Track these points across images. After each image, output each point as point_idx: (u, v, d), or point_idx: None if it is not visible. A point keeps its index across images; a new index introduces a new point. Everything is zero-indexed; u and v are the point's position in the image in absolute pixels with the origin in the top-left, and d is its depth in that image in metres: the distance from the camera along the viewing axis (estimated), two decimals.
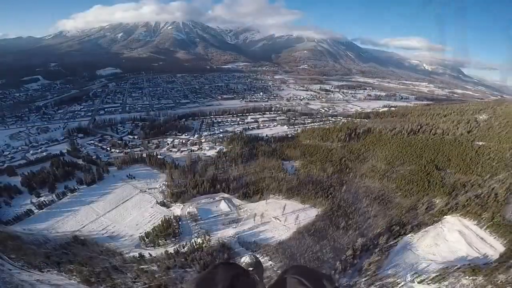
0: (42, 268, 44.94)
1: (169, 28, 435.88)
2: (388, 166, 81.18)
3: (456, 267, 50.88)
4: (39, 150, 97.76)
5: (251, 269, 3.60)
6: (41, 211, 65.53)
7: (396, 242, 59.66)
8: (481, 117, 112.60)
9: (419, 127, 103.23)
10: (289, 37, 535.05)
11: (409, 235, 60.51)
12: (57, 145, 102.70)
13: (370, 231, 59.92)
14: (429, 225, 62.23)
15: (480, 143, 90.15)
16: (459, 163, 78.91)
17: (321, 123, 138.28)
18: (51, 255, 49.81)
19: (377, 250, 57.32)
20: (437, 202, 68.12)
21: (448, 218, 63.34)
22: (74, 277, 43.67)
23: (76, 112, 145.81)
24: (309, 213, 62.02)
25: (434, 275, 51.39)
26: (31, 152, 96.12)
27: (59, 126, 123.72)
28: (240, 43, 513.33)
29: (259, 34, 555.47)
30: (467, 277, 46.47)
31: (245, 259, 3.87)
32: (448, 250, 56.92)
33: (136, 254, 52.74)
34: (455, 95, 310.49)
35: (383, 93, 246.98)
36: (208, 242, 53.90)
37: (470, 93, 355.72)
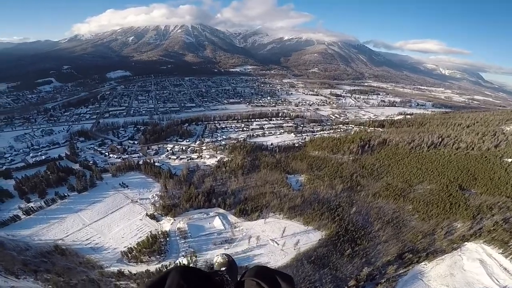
0: (19, 275, 43.33)
1: (178, 31, 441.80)
2: (405, 184, 73.01)
3: None
4: (39, 153, 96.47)
5: (223, 269, 3.35)
6: (28, 217, 63.28)
7: (406, 271, 52.64)
8: (508, 129, 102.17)
9: (440, 139, 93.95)
10: (298, 39, 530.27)
11: (423, 263, 53.46)
12: (57, 148, 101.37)
13: (379, 258, 52.80)
14: (447, 253, 54.71)
15: (510, 160, 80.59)
16: (486, 183, 69.78)
17: (331, 131, 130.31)
18: (29, 262, 47.82)
19: (383, 280, 50.57)
20: (458, 226, 59.94)
21: (469, 245, 55.58)
22: (50, 287, 41.34)
23: (82, 114, 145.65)
24: (311, 237, 55.43)
25: None
26: (31, 155, 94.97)
27: (63, 129, 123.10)
28: (249, 46, 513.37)
29: (267, 37, 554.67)
30: None
31: (217, 259, 3.61)
32: (464, 281, 49.72)
33: (116, 270, 48.91)
34: (474, 101, 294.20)
35: (397, 99, 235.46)
36: (195, 264, 48.60)
37: (491, 99, 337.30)
